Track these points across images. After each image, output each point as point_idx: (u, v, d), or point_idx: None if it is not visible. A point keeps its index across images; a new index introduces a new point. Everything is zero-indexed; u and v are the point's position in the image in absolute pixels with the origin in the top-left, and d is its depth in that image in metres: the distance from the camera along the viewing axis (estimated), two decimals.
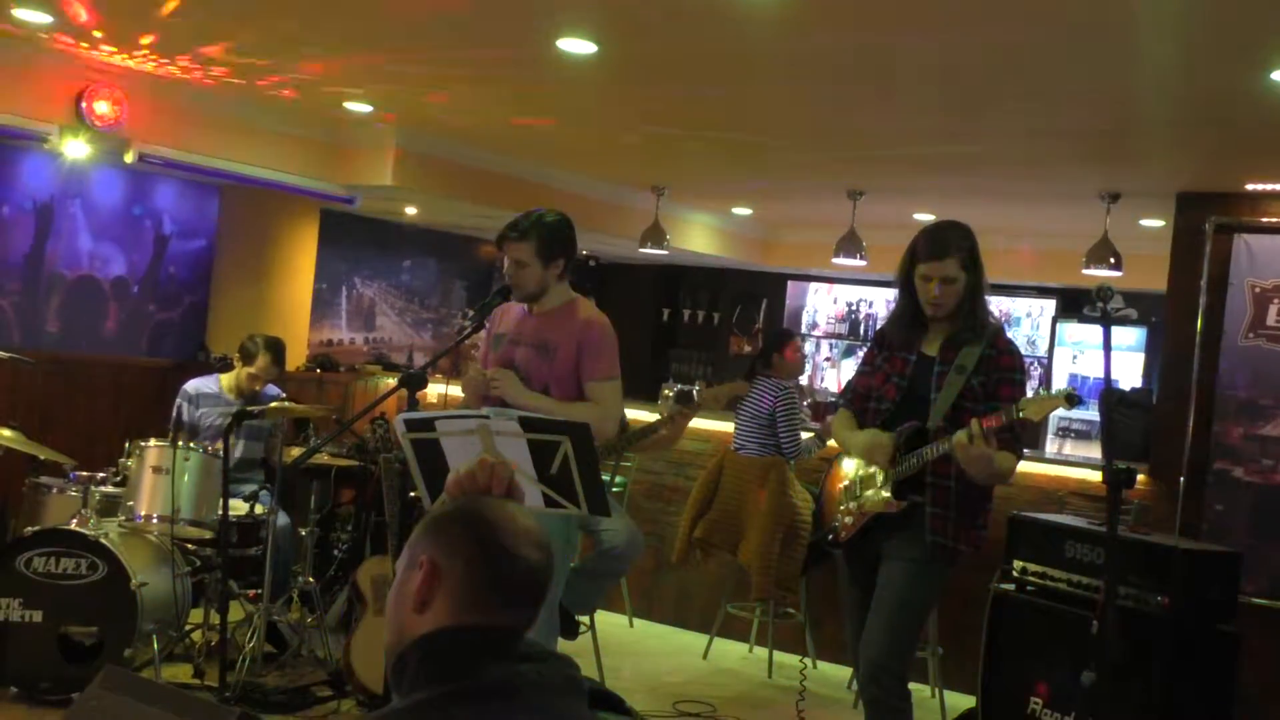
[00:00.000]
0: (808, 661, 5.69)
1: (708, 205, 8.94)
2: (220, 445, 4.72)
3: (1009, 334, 3.71)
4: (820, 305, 10.90)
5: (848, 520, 3.59)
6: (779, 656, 5.84)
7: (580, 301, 3.84)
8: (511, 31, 4.38)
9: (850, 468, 3.65)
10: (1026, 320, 9.61)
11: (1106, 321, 2.99)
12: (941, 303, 3.46)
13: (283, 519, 5.12)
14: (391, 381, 6.60)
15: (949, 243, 3.47)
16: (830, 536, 3.67)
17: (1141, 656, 3.73)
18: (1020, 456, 3.45)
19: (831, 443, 5.14)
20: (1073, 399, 3.21)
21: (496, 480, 1.72)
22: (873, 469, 3.53)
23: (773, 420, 5.66)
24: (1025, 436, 3.52)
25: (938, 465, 3.38)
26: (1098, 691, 3.01)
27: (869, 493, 3.54)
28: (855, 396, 3.71)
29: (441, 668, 1.53)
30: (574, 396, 3.70)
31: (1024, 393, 3.44)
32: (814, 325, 10.90)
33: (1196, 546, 4.30)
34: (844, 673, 5.63)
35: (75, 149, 5.82)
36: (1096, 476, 5.33)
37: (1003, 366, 3.44)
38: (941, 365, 3.48)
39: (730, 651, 6.11)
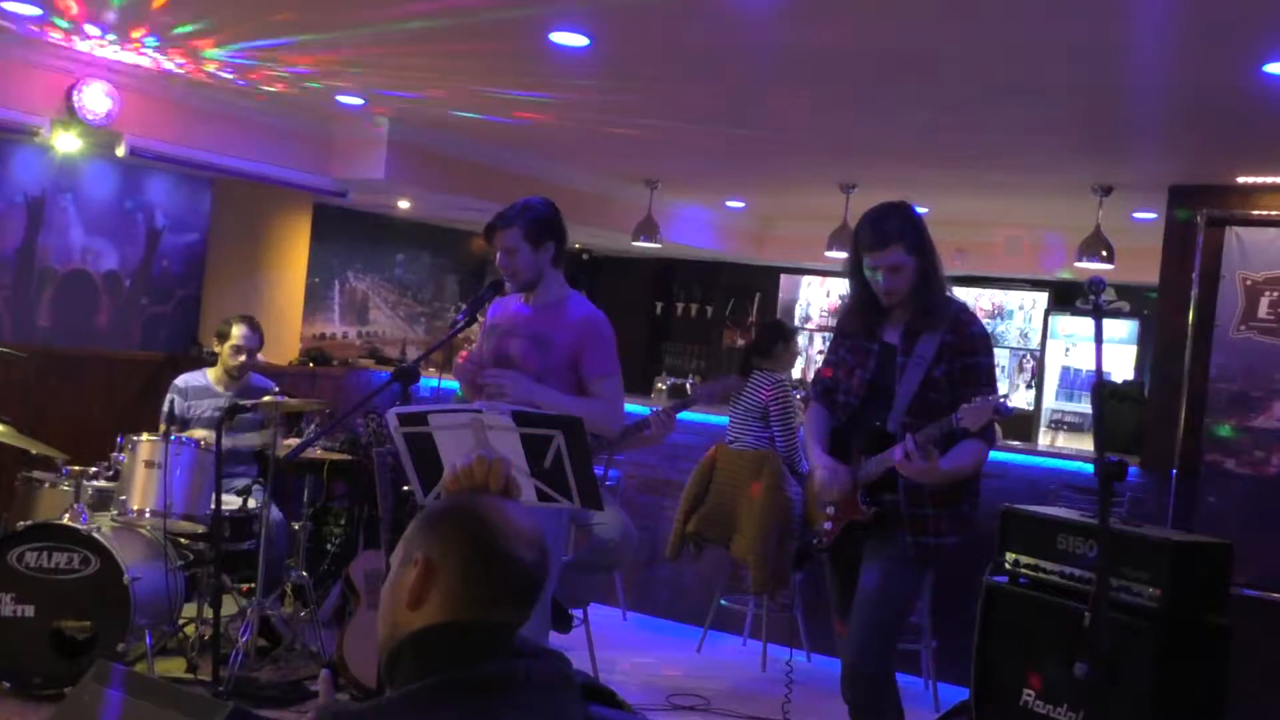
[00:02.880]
0: (798, 655, 5.70)
1: (701, 198, 8.93)
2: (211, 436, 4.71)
3: (973, 311, 3.58)
4: (813, 298, 10.91)
5: (826, 525, 3.57)
6: (773, 649, 5.85)
7: (577, 296, 3.85)
8: (504, 24, 4.37)
9: None
10: (1019, 313, 9.63)
11: (1098, 314, 2.99)
12: (892, 290, 3.38)
13: (275, 513, 5.11)
14: (384, 375, 6.59)
15: (889, 230, 3.36)
16: (815, 541, 3.65)
17: (1134, 648, 3.73)
18: (991, 443, 3.38)
19: None
20: (1001, 409, 3.17)
21: (494, 476, 1.72)
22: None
23: (766, 413, 5.66)
24: (1018, 428, 3.51)
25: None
26: (1090, 683, 3.02)
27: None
28: (824, 389, 3.65)
29: (435, 662, 1.53)
30: (570, 389, 3.70)
31: (991, 375, 3.38)
32: (807, 318, 10.91)
33: (1188, 538, 4.31)
34: (838, 665, 5.63)
35: (66, 143, 5.80)
36: (1089, 469, 5.33)
37: (964, 352, 3.36)
38: (903, 355, 3.40)
39: (724, 644, 6.12)
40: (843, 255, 7.28)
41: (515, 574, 1.58)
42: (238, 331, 5.48)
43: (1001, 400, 3.20)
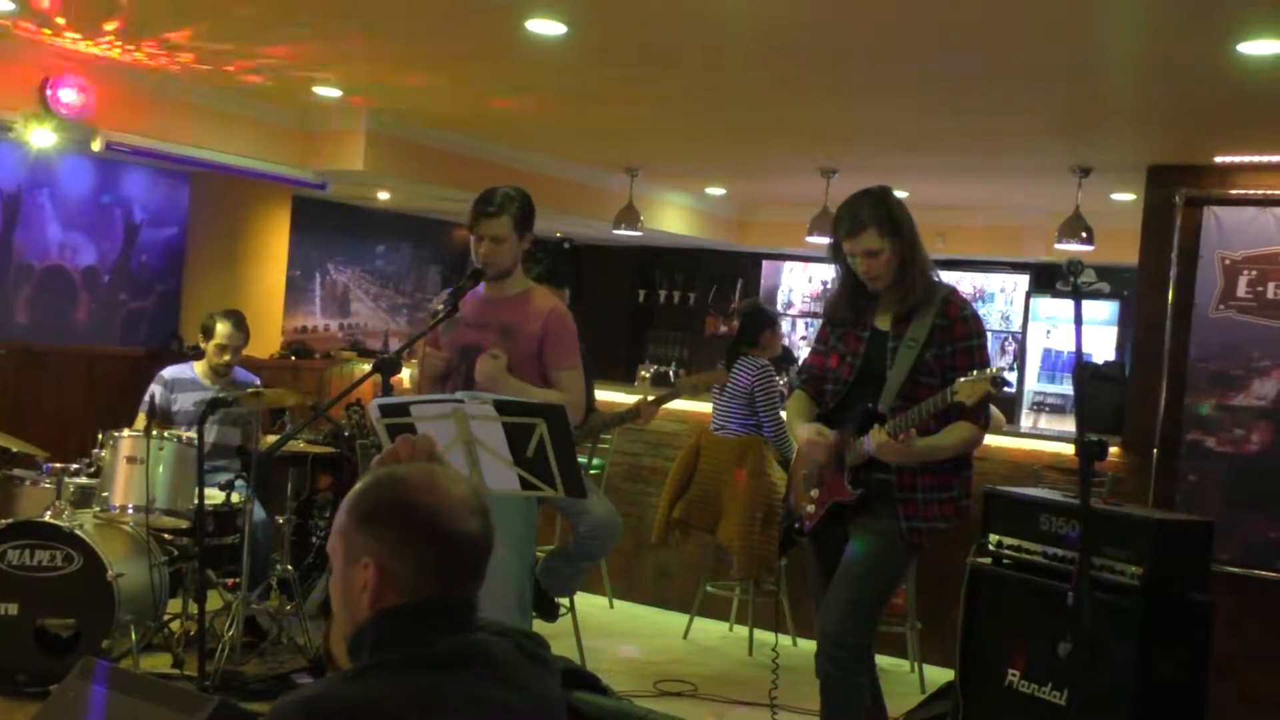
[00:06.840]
0: (784, 640, 5.72)
1: (681, 185, 8.93)
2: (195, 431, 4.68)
3: (963, 294, 3.58)
4: (795, 284, 10.93)
5: (810, 509, 3.56)
6: (759, 635, 5.87)
7: (538, 288, 3.88)
8: (481, 13, 4.36)
9: None
10: (1000, 296, 9.66)
11: (1078, 296, 3.00)
12: (874, 275, 3.41)
13: (259, 508, 5.09)
14: (366, 367, 6.58)
15: (861, 216, 3.41)
16: (796, 525, 3.63)
17: (1116, 626, 3.76)
18: (982, 425, 3.39)
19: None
20: (998, 381, 3.15)
21: (418, 456, 1.72)
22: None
23: (751, 398, 5.66)
24: (1000, 410, 3.51)
25: None
26: (1074, 662, 3.04)
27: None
28: (811, 377, 3.65)
29: (399, 640, 1.54)
30: (535, 380, 3.71)
31: (985, 358, 3.39)
32: (789, 304, 10.93)
33: (1169, 516, 4.34)
34: None
35: (41, 137, 5.75)
36: (1070, 450, 5.34)
37: (957, 335, 3.36)
38: (894, 340, 3.41)
39: (711, 630, 6.14)
40: (824, 240, 7.31)
41: (465, 547, 1.59)
42: (222, 330, 5.44)
43: (999, 374, 3.17)
